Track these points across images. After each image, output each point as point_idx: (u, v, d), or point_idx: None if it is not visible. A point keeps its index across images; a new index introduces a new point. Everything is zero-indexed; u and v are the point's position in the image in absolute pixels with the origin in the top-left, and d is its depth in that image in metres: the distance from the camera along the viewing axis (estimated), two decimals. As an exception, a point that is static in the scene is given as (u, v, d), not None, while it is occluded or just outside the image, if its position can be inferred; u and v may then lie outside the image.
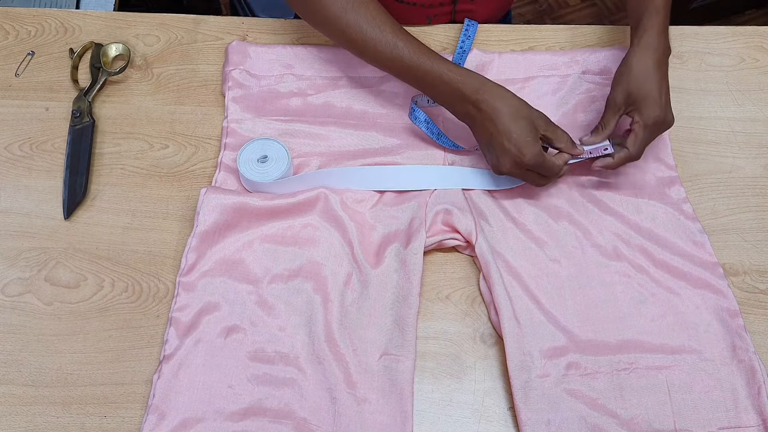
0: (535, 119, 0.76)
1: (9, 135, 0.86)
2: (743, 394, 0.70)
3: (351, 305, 0.74)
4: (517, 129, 0.74)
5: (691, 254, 0.77)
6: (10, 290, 0.76)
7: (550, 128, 0.77)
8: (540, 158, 0.75)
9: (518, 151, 0.74)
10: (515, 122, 0.74)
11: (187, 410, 0.68)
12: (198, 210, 0.77)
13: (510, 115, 0.74)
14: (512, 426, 0.70)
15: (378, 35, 0.77)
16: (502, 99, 0.75)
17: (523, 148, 0.74)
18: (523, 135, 0.74)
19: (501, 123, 0.74)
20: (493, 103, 0.75)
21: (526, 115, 0.75)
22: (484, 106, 0.75)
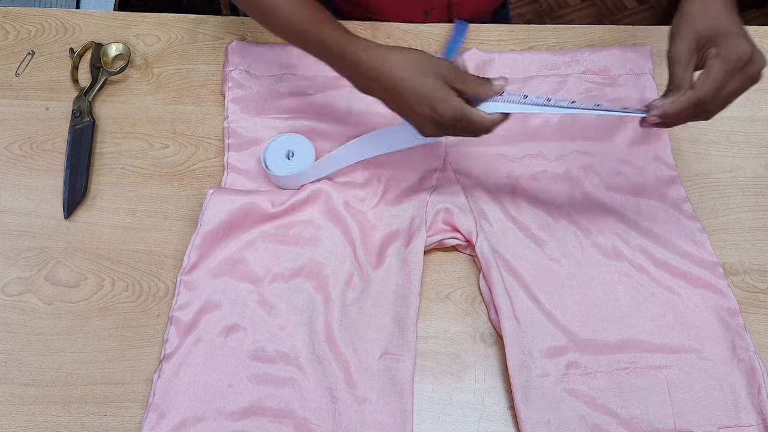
0: (441, 71, 0.66)
1: (9, 134, 0.86)
2: (743, 394, 0.70)
3: (352, 305, 0.74)
4: (424, 88, 0.66)
5: (691, 254, 0.77)
6: (11, 290, 0.76)
7: (458, 78, 0.67)
8: (459, 111, 0.66)
9: (433, 111, 0.66)
10: (420, 81, 0.66)
11: (187, 409, 0.68)
12: (204, 209, 0.77)
13: (411, 77, 0.66)
14: (512, 425, 0.70)
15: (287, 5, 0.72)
16: (397, 62, 0.67)
17: (438, 106, 0.66)
18: (433, 92, 0.66)
19: (404, 88, 0.66)
20: (390, 72, 0.67)
21: (428, 70, 0.66)
22: (381, 76, 0.67)
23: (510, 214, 0.80)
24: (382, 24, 0.95)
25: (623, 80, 0.90)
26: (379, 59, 0.67)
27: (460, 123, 0.67)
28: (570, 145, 0.85)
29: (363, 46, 0.68)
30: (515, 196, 0.82)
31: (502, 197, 0.82)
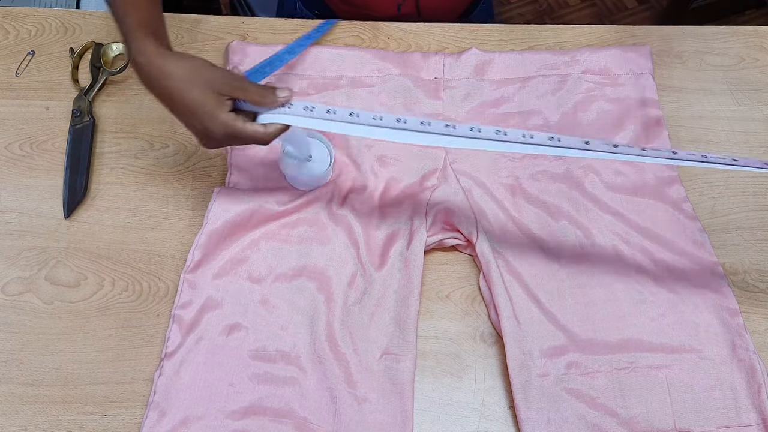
0: (215, 83, 0.63)
1: (9, 134, 0.86)
2: (743, 394, 0.70)
3: (353, 305, 0.74)
4: (193, 102, 0.63)
5: (691, 253, 0.77)
6: (11, 289, 0.76)
7: (236, 87, 0.64)
8: (230, 128, 0.64)
9: (203, 127, 0.64)
10: (190, 95, 0.63)
11: (187, 408, 0.68)
12: (209, 208, 0.77)
13: (182, 90, 0.63)
14: (512, 425, 0.70)
15: None
16: (172, 73, 0.63)
17: (207, 122, 0.63)
18: (202, 106, 0.63)
19: (176, 101, 0.64)
20: (164, 83, 0.64)
21: (199, 82, 0.63)
22: (156, 86, 0.65)
23: (510, 214, 0.80)
24: (382, 24, 0.95)
25: (623, 80, 0.90)
26: (155, 68, 0.64)
27: (233, 138, 0.65)
28: (570, 145, 0.85)
29: (143, 51, 0.65)
30: (515, 196, 0.82)
31: (502, 197, 0.82)
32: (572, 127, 0.86)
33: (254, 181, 0.82)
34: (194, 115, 0.64)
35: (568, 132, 0.86)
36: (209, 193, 0.82)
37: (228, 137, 0.65)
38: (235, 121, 0.64)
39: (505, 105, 0.88)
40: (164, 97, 0.65)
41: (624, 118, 0.87)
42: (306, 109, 0.67)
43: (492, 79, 0.89)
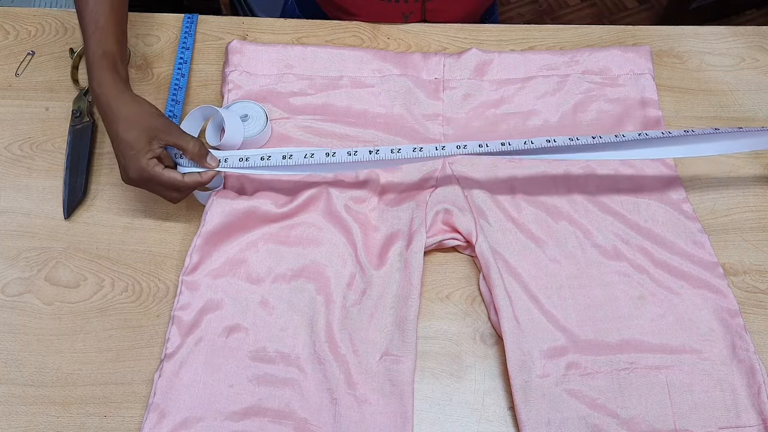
0: (154, 130, 0.71)
1: (9, 135, 0.86)
2: (743, 394, 0.70)
3: (353, 306, 0.74)
4: (125, 141, 0.70)
5: (691, 254, 0.77)
6: (11, 290, 0.76)
7: (173, 138, 0.72)
8: (146, 174, 0.71)
9: (126, 163, 0.71)
10: (126, 133, 0.70)
11: (187, 409, 0.68)
12: (206, 210, 0.77)
13: (122, 127, 0.71)
14: (512, 426, 0.70)
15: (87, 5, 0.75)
16: (118, 105, 0.71)
17: (129, 161, 0.71)
18: (131, 147, 0.70)
19: (113, 134, 0.71)
20: (110, 115, 0.71)
21: (141, 125, 0.71)
22: (102, 107, 0.72)
23: (510, 214, 0.80)
24: (383, 25, 0.95)
25: (623, 80, 0.90)
26: (106, 101, 0.72)
27: (148, 181, 0.72)
28: (570, 146, 0.85)
29: (101, 82, 0.72)
30: (515, 197, 0.82)
31: (501, 197, 0.82)
32: (572, 127, 0.86)
33: (250, 182, 0.82)
34: (122, 152, 0.71)
35: (568, 132, 0.86)
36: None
37: (143, 180, 0.72)
38: (155, 167, 0.72)
39: (505, 105, 0.88)
40: (107, 127, 0.73)
41: (624, 119, 0.87)
42: (241, 159, 0.75)
43: (492, 80, 0.89)
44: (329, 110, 0.87)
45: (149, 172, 0.71)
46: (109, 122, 0.72)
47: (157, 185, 0.73)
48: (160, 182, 0.72)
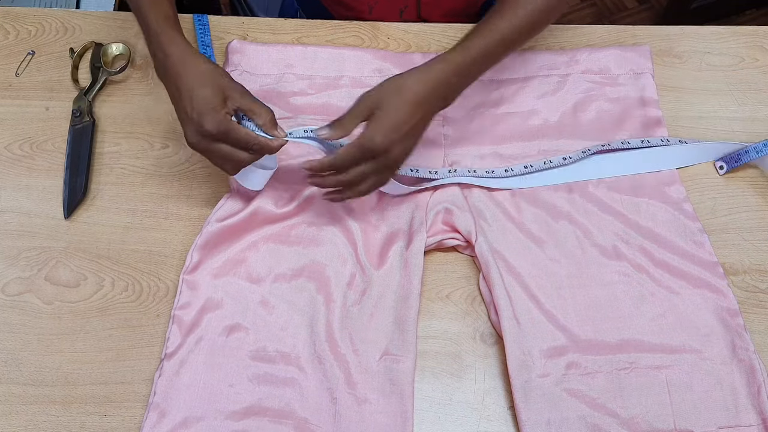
0: (228, 89, 0.69)
1: (9, 134, 0.86)
2: (743, 394, 0.70)
3: (353, 306, 0.74)
4: (201, 94, 0.68)
5: (691, 254, 0.77)
6: (11, 289, 0.76)
7: (247, 102, 0.70)
8: (224, 126, 0.67)
9: (200, 118, 0.67)
10: (204, 87, 0.68)
11: (187, 409, 0.68)
12: (213, 212, 0.77)
13: (198, 82, 0.68)
14: (512, 425, 0.70)
15: None
16: (192, 68, 0.69)
17: (206, 115, 0.67)
18: (207, 102, 0.68)
19: (185, 91, 0.68)
20: (182, 73, 0.69)
21: (216, 82, 0.69)
22: (174, 74, 0.69)
23: (509, 214, 0.80)
24: (382, 24, 0.95)
25: (623, 80, 0.90)
26: (182, 59, 0.69)
27: (224, 135, 0.68)
28: (570, 145, 0.85)
29: (176, 42, 0.70)
30: (515, 196, 0.82)
31: (501, 197, 0.82)
32: (572, 127, 0.86)
33: None
34: (197, 107, 0.67)
35: (568, 132, 0.86)
36: (209, 193, 0.82)
37: (219, 133, 0.68)
38: (231, 123, 0.68)
39: (505, 105, 0.88)
40: (177, 85, 0.69)
41: (624, 118, 0.87)
42: (306, 131, 0.72)
43: (492, 79, 0.89)
44: (330, 110, 0.87)
45: (227, 125, 0.68)
46: (182, 79, 0.69)
47: (233, 140, 0.69)
48: (236, 137, 0.68)
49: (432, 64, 0.70)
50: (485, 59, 0.73)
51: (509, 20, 0.73)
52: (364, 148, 0.68)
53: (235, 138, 0.68)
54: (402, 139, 0.69)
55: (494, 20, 0.73)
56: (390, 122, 0.67)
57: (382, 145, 0.68)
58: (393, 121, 0.67)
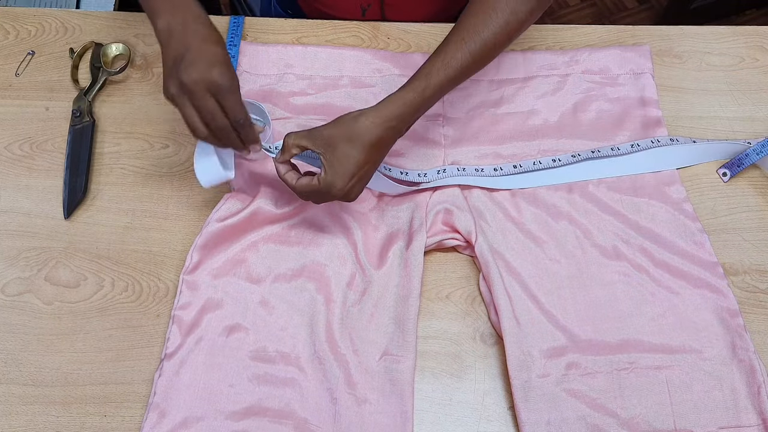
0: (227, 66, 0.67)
1: (9, 134, 0.86)
2: (743, 394, 0.70)
3: (353, 306, 0.74)
4: (213, 49, 0.67)
5: (691, 254, 0.77)
6: (11, 290, 0.76)
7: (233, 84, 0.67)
8: (235, 82, 0.67)
9: (209, 67, 0.65)
10: (214, 44, 0.68)
11: (187, 409, 0.68)
12: (213, 212, 0.77)
13: (210, 37, 0.68)
14: (512, 426, 0.70)
15: None
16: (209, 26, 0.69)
17: (218, 66, 0.66)
18: (219, 56, 0.67)
19: (194, 37, 0.67)
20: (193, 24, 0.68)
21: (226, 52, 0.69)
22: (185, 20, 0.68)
23: (509, 214, 0.80)
24: (382, 24, 0.95)
25: (623, 80, 0.90)
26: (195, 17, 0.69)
27: (225, 93, 0.66)
28: (570, 145, 0.85)
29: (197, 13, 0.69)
30: (514, 196, 0.82)
31: (501, 197, 0.82)
32: (572, 127, 0.86)
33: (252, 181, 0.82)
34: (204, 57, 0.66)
35: (568, 132, 0.86)
36: (209, 193, 0.82)
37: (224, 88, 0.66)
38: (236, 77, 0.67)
39: (505, 105, 0.88)
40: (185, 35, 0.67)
41: (624, 118, 0.87)
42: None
43: (492, 79, 0.89)
44: (330, 110, 0.87)
45: (237, 83, 0.67)
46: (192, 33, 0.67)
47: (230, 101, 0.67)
48: (234, 100, 0.67)
49: (388, 105, 0.69)
50: (442, 92, 0.72)
51: (467, 49, 0.71)
52: (322, 192, 0.69)
53: (233, 100, 0.67)
54: (359, 182, 0.70)
55: (451, 52, 0.71)
56: (348, 169, 0.68)
57: (341, 192, 0.69)
58: (351, 167, 0.68)
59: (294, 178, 0.71)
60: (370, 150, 0.69)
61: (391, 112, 0.69)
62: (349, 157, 0.68)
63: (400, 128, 0.71)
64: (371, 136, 0.68)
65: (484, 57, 0.72)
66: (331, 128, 0.69)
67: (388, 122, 0.69)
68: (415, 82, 0.70)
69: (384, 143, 0.70)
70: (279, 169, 0.71)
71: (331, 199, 0.70)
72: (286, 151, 0.70)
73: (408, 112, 0.70)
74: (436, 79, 0.70)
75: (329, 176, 0.68)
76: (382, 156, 0.72)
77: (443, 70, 0.70)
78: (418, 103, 0.70)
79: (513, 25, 0.72)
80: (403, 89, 0.70)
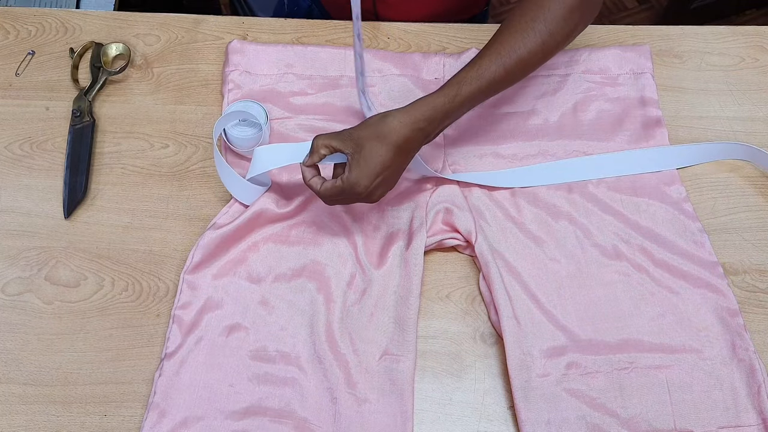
0: None
1: (9, 134, 0.86)
2: (743, 394, 0.70)
3: (353, 306, 0.74)
4: None
5: (691, 254, 0.77)
6: (11, 289, 0.76)
7: None
8: None
9: None
10: None
11: (187, 408, 0.68)
12: (219, 215, 0.78)
13: None
14: (512, 425, 0.70)
15: None
16: None
17: None
18: None
19: None
20: None
21: None
22: None
23: (509, 214, 0.80)
24: (382, 24, 0.95)
25: (623, 80, 0.90)
26: None
27: None
28: (570, 145, 0.85)
29: None
30: (514, 196, 0.82)
31: (501, 197, 0.82)
32: (572, 127, 0.86)
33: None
34: None
35: (568, 132, 0.86)
36: (209, 193, 0.82)
37: None
38: None
39: (505, 105, 0.88)
40: None
41: (623, 118, 0.87)
42: None
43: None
44: (330, 110, 0.87)
45: None
46: None
47: None
48: None
49: (417, 107, 0.70)
50: (472, 103, 0.72)
51: (502, 63, 0.71)
52: (346, 191, 0.69)
53: None
54: (383, 183, 0.70)
55: (485, 64, 0.71)
56: (373, 168, 0.68)
57: (365, 191, 0.69)
58: (376, 166, 0.68)
59: (318, 184, 0.71)
60: (397, 150, 0.69)
61: (420, 113, 0.69)
62: (375, 156, 0.68)
63: (428, 131, 0.71)
64: (398, 136, 0.68)
65: (517, 73, 0.73)
66: (360, 129, 0.70)
67: (416, 123, 0.69)
68: (446, 89, 0.71)
69: (411, 145, 0.70)
70: (305, 173, 0.71)
71: (356, 199, 0.70)
72: (315, 152, 0.70)
73: (437, 117, 0.70)
74: (468, 89, 0.70)
75: (354, 175, 0.68)
76: (408, 158, 0.71)
77: (476, 80, 0.71)
78: (448, 109, 0.70)
79: (550, 45, 0.73)
80: (434, 93, 0.70)
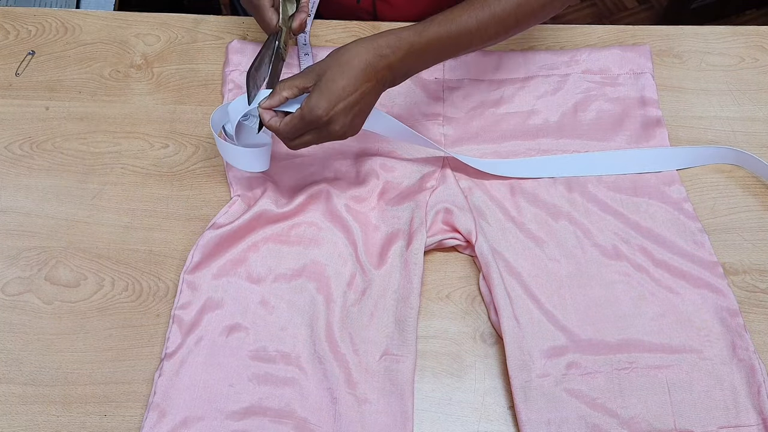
0: None
1: (9, 134, 0.86)
2: (743, 394, 0.70)
3: (353, 305, 0.74)
4: None
5: (691, 254, 0.77)
6: (11, 289, 0.76)
7: None
8: None
9: None
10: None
11: (187, 409, 0.68)
12: (219, 215, 0.78)
13: None
14: (512, 425, 0.70)
15: None
16: None
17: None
18: None
19: None
20: None
21: None
22: None
23: (509, 213, 0.80)
24: (383, 24, 0.95)
25: (623, 80, 0.90)
26: None
27: None
28: (570, 145, 0.85)
29: None
30: (515, 196, 0.82)
31: (501, 197, 0.82)
32: (572, 127, 0.86)
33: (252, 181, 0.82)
34: None
35: (568, 132, 0.86)
36: (209, 193, 0.82)
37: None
38: None
39: (505, 105, 0.88)
40: None
41: (624, 118, 0.87)
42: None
43: (492, 79, 0.89)
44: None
45: None
46: None
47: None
48: None
49: (382, 35, 0.68)
50: (441, 47, 0.70)
51: (474, 15, 0.70)
52: (305, 120, 0.67)
53: None
54: (345, 110, 0.67)
55: (457, 12, 0.70)
56: (333, 91, 0.66)
57: (326, 114, 0.66)
58: (337, 89, 0.66)
59: (278, 122, 0.69)
60: (358, 75, 0.67)
61: (384, 40, 0.68)
62: (337, 80, 0.66)
63: (392, 61, 0.68)
64: (359, 60, 0.67)
65: (489, 29, 0.71)
66: (322, 61, 0.69)
67: (379, 49, 0.67)
68: (415, 25, 0.69)
69: (373, 71, 0.68)
70: (263, 116, 0.69)
71: (318, 129, 0.68)
72: (276, 94, 0.68)
73: (401, 46, 0.68)
74: (436, 29, 0.69)
75: (313, 99, 0.66)
76: (371, 87, 0.69)
77: (446, 23, 0.69)
78: (413, 42, 0.68)
79: (524, 8, 0.72)
80: (400, 29, 0.69)
